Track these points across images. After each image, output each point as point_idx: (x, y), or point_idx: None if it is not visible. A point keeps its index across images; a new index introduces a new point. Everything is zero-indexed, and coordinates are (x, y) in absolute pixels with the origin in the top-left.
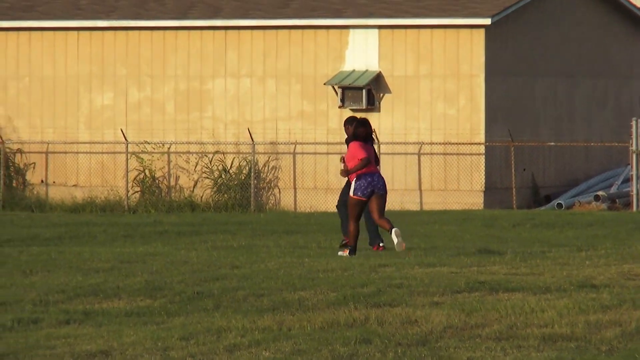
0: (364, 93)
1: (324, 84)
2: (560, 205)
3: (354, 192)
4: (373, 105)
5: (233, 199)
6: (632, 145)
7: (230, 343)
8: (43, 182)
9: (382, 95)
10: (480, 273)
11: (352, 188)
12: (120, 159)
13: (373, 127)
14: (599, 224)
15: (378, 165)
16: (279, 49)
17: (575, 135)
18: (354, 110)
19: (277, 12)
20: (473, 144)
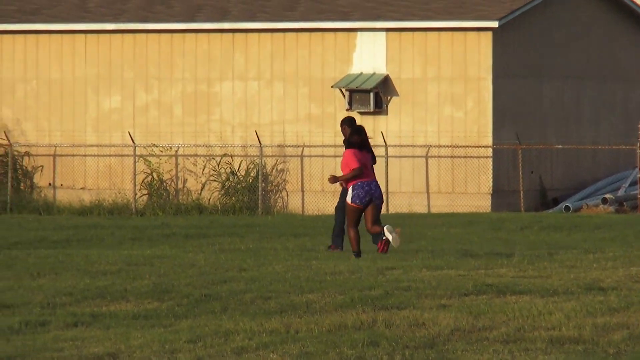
0: (372, 96)
1: (332, 87)
2: (568, 208)
3: (352, 200)
4: (381, 108)
5: (241, 202)
6: (639, 148)
7: (238, 346)
8: (51, 184)
9: (389, 98)
10: (488, 276)
11: (349, 195)
12: (128, 162)
13: (381, 130)
14: (607, 227)
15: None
16: (287, 52)
17: (583, 138)
18: (362, 113)
19: (284, 14)
20: (480, 147)
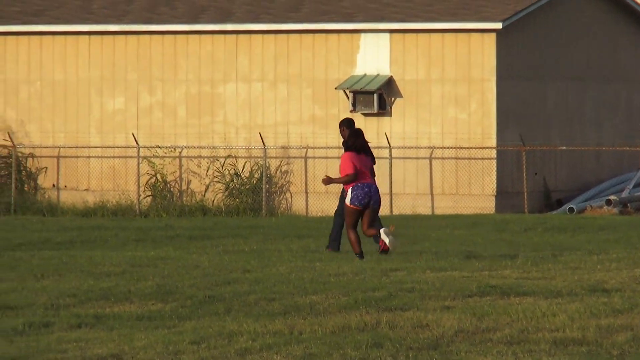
0: (375, 97)
1: (335, 89)
2: (572, 210)
3: (351, 201)
4: (384, 110)
5: (244, 203)
6: None
7: (242, 347)
8: (54, 186)
9: (393, 100)
10: (492, 277)
11: (348, 197)
12: (132, 163)
13: (384, 131)
14: (611, 228)
15: (374, 175)
16: (290, 53)
17: (587, 140)
18: (366, 115)
19: (288, 16)
20: (484, 148)
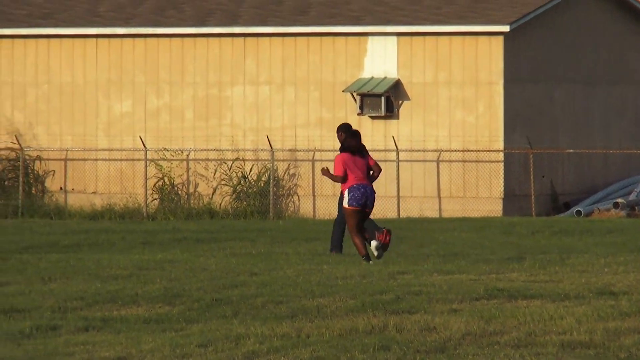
0: (383, 100)
1: (343, 91)
2: (579, 213)
3: (349, 203)
4: (392, 113)
5: (252, 206)
6: None
7: (249, 350)
8: (62, 189)
9: (400, 103)
10: (499, 280)
11: (346, 199)
12: (139, 166)
13: (392, 134)
14: (618, 231)
15: (374, 174)
16: (298, 56)
17: (594, 142)
18: (373, 118)
19: (295, 19)
20: (492, 151)
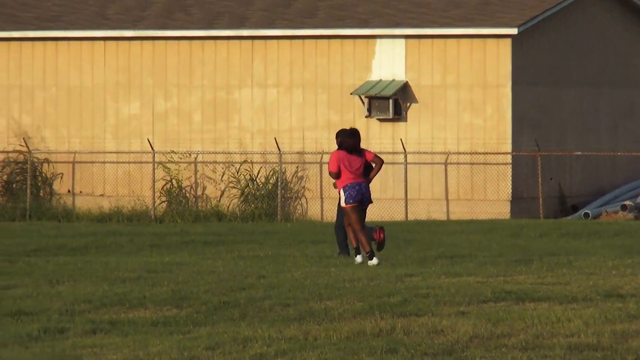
0: (391, 103)
1: (351, 94)
2: (587, 215)
3: (346, 201)
4: (400, 115)
5: (260, 209)
6: None
7: (257, 353)
8: (70, 191)
9: (408, 105)
10: (507, 283)
11: (342, 199)
12: (147, 169)
13: (400, 137)
14: (626, 234)
15: (375, 167)
16: (306, 59)
17: (602, 145)
18: (381, 120)
19: (303, 21)
20: (500, 154)
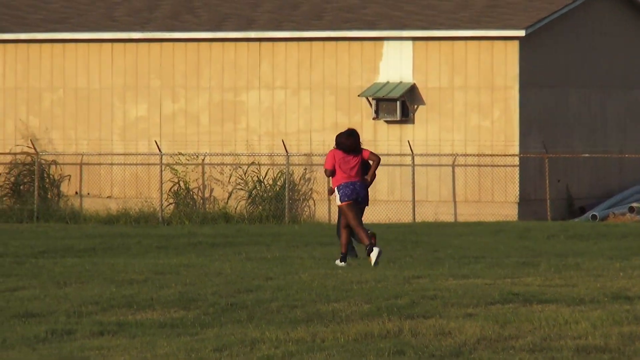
0: (398, 105)
1: (358, 96)
2: (595, 217)
3: (341, 199)
4: (407, 117)
5: (267, 211)
6: None
7: (264, 354)
8: (77, 193)
9: (416, 107)
10: (514, 285)
11: (337, 198)
12: (155, 171)
13: (407, 139)
14: (634, 236)
15: (372, 165)
16: (313, 61)
17: (609, 147)
18: (388, 122)
19: (311, 23)
20: (507, 156)
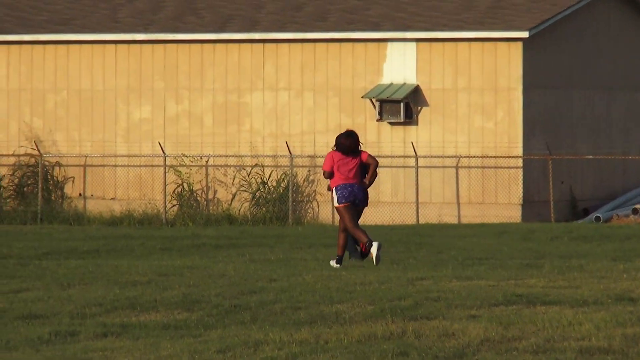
0: (402, 106)
1: (362, 97)
2: (598, 219)
3: (339, 200)
4: (411, 119)
5: (271, 212)
6: None
7: (267, 356)
8: (81, 195)
9: (419, 109)
10: (518, 286)
11: (335, 199)
12: (158, 172)
13: (411, 140)
14: (637, 237)
15: (370, 168)
16: (317, 62)
17: (613, 148)
18: (392, 124)
19: (315, 25)
20: (511, 157)
